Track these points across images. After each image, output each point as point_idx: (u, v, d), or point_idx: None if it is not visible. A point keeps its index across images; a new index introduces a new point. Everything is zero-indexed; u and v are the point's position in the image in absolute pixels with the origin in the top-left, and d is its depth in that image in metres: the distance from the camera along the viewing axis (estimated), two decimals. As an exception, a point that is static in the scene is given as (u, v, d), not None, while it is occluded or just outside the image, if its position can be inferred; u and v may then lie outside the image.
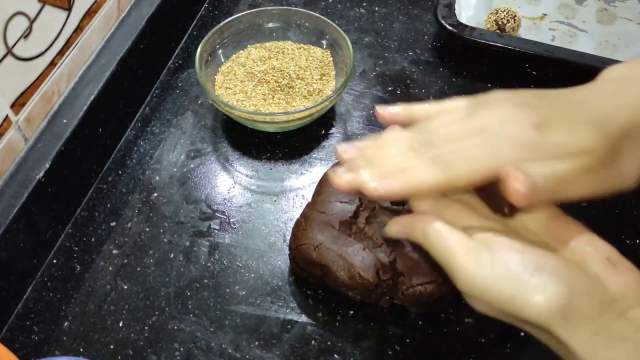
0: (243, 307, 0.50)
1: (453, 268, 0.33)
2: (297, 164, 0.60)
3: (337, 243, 0.47)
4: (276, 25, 0.67)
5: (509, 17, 0.68)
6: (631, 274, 0.32)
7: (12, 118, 0.50)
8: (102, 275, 0.52)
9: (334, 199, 0.50)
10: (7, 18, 0.46)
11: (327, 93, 0.62)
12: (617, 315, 0.30)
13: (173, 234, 0.55)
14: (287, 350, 0.48)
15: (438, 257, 0.35)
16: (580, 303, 0.30)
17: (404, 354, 0.48)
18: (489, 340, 0.48)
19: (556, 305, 0.30)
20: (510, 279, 0.31)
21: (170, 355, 0.48)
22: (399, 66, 0.68)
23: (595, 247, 0.34)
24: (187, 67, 0.69)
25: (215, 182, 0.59)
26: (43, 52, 0.52)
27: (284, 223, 0.56)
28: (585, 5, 0.73)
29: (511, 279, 0.31)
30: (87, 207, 0.57)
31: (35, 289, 0.52)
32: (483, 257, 0.32)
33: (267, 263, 0.53)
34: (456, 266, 0.33)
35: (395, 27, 0.73)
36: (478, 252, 0.33)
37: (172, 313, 0.50)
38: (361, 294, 0.47)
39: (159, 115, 0.64)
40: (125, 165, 0.60)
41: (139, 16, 0.63)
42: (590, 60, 0.62)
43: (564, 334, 0.30)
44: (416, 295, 0.45)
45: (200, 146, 0.62)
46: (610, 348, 0.30)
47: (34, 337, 0.49)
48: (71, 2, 0.54)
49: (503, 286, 0.31)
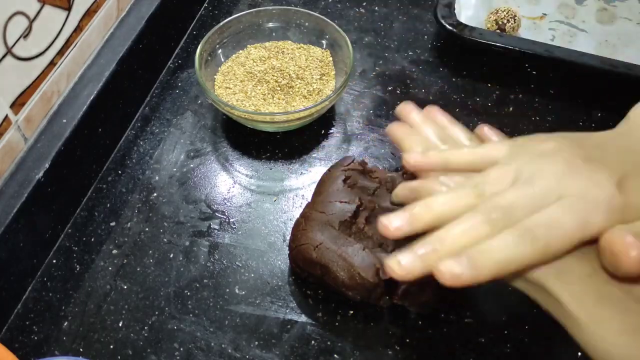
0: (243, 307, 0.50)
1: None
2: (297, 163, 0.60)
3: (336, 243, 0.47)
4: (276, 25, 0.67)
5: (509, 17, 0.68)
6: None
7: (12, 118, 0.50)
8: (102, 275, 0.52)
9: (334, 198, 0.50)
10: (7, 18, 0.46)
11: (326, 93, 0.62)
12: (609, 280, 0.31)
13: (173, 234, 0.55)
14: (287, 350, 0.48)
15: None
16: (572, 261, 0.31)
17: (403, 354, 0.48)
18: (489, 340, 0.48)
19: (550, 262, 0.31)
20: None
21: (170, 355, 0.48)
22: (399, 66, 0.68)
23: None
24: (187, 66, 0.69)
25: (215, 182, 0.59)
26: (43, 51, 0.52)
27: (284, 223, 0.55)
28: (585, 5, 0.73)
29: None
30: (86, 207, 0.57)
31: (35, 289, 0.52)
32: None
33: (267, 263, 0.53)
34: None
35: (395, 26, 0.73)
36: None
37: (171, 313, 0.50)
38: (361, 294, 0.47)
39: (158, 115, 0.64)
40: (125, 165, 0.60)
41: (139, 16, 0.63)
42: (590, 60, 0.62)
43: (555, 289, 0.31)
44: (416, 295, 0.45)
45: (200, 146, 0.62)
46: (599, 305, 0.30)
47: (33, 337, 0.49)
48: (71, 1, 0.54)
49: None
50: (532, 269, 0.32)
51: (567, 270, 0.31)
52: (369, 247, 0.47)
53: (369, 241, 0.48)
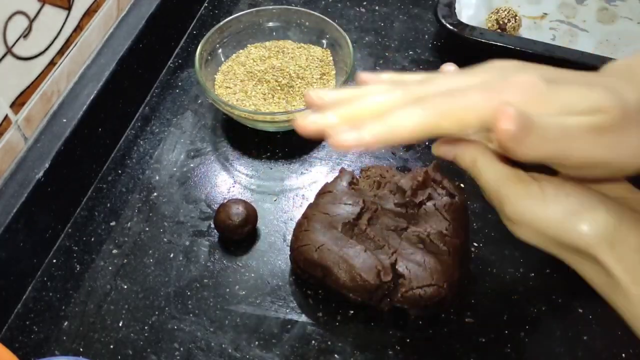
0: (243, 307, 0.50)
1: (502, 194, 0.33)
2: (297, 163, 0.60)
3: (338, 244, 0.47)
4: (276, 24, 0.67)
5: (509, 17, 0.68)
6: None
7: (12, 117, 0.49)
8: (102, 275, 0.52)
9: (338, 200, 0.50)
10: (7, 17, 0.46)
11: (327, 92, 0.62)
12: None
13: (173, 234, 0.55)
14: (287, 350, 0.48)
15: (487, 183, 0.33)
16: (627, 232, 0.30)
17: (404, 354, 0.48)
18: (489, 340, 0.48)
19: (604, 232, 0.30)
20: (560, 205, 0.31)
21: (170, 355, 0.48)
22: (400, 65, 0.68)
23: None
24: (187, 66, 0.69)
25: (215, 182, 0.59)
26: (43, 51, 0.51)
27: (284, 223, 0.55)
28: (585, 5, 0.73)
29: (561, 206, 0.31)
30: (86, 206, 0.57)
31: (35, 289, 0.52)
32: (533, 188, 0.32)
33: (267, 263, 0.53)
34: (505, 192, 0.32)
35: (395, 26, 0.73)
36: (529, 183, 0.32)
37: (172, 313, 0.50)
38: (362, 296, 0.47)
39: (158, 114, 0.64)
40: (125, 164, 0.60)
41: (139, 15, 0.63)
42: (590, 60, 0.62)
43: (609, 260, 0.30)
44: (416, 298, 0.45)
45: (200, 146, 0.62)
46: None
47: (33, 337, 0.49)
48: (71, 1, 0.53)
49: (553, 211, 0.31)
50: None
51: (622, 241, 0.30)
52: (371, 249, 0.47)
53: (370, 243, 0.47)
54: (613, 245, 0.30)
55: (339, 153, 0.61)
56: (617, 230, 0.30)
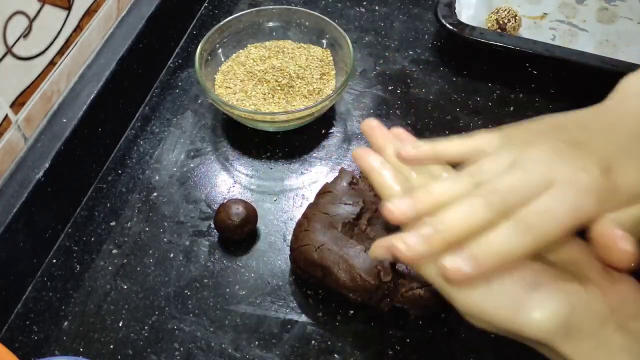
0: (243, 306, 0.50)
1: (449, 290, 0.33)
2: (297, 163, 0.60)
3: (338, 244, 0.47)
4: (276, 24, 0.67)
5: (509, 17, 0.68)
6: (628, 283, 0.32)
7: (12, 117, 0.49)
8: (102, 275, 0.52)
9: (338, 200, 0.50)
10: (7, 17, 0.46)
11: (327, 92, 0.62)
12: (617, 327, 0.30)
13: (173, 234, 0.55)
14: (287, 350, 0.48)
15: (431, 278, 0.33)
16: (580, 318, 0.30)
17: (404, 354, 0.48)
18: (489, 340, 0.48)
19: (557, 322, 0.30)
20: (508, 297, 0.31)
21: (170, 355, 0.48)
22: (400, 65, 0.68)
23: (590, 256, 0.33)
24: (187, 66, 0.69)
25: (215, 182, 0.59)
26: (43, 51, 0.51)
27: (284, 222, 0.55)
28: (585, 5, 0.73)
29: (509, 297, 0.31)
30: (86, 206, 0.57)
31: (35, 289, 0.52)
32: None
33: (267, 263, 0.53)
34: (451, 289, 0.32)
35: (395, 26, 0.73)
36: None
37: (172, 313, 0.50)
38: (362, 296, 0.47)
39: (158, 114, 0.64)
40: (125, 164, 0.60)
41: (139, 15, 0.63)
42: (590, 60, 0.62)
43: (566, 350, 0.30)
44: (416, 298, 0.45)
45: (200, 145, 0.62)
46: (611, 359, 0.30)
47: (33, 336, 0.49)
48: (71, 1, 0.53)
49: (501, 305, 0.31)
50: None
51: (576, 327, 0.30)
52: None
53: (370, 243, 0.47)
54: (568, 334, 0.30)
55: (339, 153, 0.61)
56: (570, 318, 0.30)
